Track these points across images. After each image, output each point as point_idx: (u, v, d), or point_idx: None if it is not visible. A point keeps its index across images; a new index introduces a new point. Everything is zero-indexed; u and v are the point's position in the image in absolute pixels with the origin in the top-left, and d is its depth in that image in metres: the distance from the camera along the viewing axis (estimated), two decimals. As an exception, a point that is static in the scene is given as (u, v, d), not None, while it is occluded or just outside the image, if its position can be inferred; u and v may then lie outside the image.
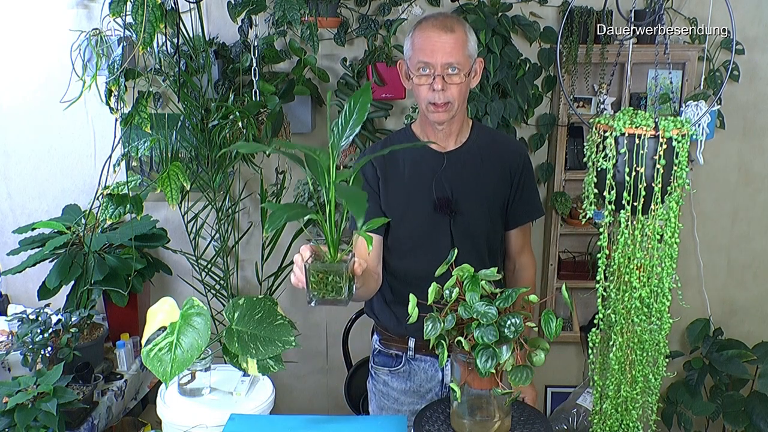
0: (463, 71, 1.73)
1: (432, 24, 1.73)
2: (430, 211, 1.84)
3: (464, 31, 1.74)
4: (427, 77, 1.73)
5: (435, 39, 1.71)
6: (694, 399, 2.95)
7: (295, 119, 2.75)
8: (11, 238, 2.83)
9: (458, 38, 1.71)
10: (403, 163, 1.87)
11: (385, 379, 2.00)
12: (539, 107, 2.82)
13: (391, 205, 1.87)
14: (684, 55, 2.68)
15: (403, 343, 1.95)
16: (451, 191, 1.84)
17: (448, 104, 1.74)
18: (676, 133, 1.27)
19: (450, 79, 1.72)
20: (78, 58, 2.37)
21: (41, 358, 2.15)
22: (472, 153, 1.87)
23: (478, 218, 1.86)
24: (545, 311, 1.41)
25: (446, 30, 1.71)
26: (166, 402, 1.87)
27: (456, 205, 1.84)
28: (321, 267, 1.35)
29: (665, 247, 1.33)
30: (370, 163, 1.88)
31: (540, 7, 2.74)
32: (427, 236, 1.85)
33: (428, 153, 1.86)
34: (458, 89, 1.74)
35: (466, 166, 1.85)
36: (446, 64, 1.70)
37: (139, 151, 2.36)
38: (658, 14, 1.46)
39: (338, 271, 1.34)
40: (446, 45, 1.70)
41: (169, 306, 1.60)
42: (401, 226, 1.87)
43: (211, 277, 2.79)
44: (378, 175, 1.88)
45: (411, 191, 1.86)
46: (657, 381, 1.42)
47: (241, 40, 2.69)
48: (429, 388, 1.95)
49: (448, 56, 1.70)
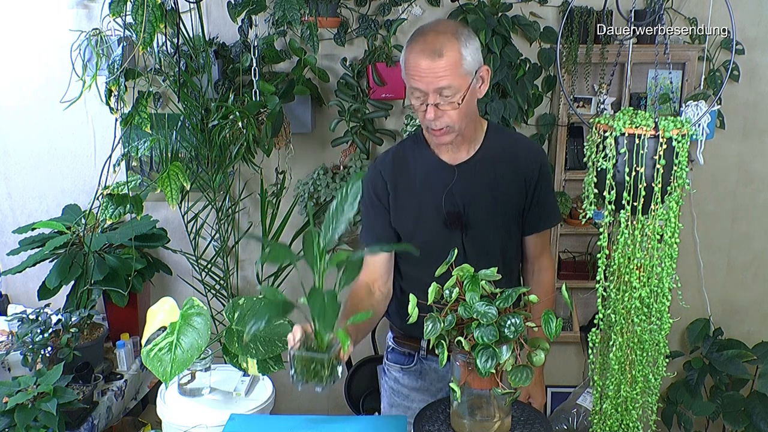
0: (460, 93, 1.62)
1: (420, 49, 1.60)
2: (441, 225, 1.78)
3: (457, 49, 1.59)
4: (421, 102, 1.64)
5: (424, 66, 1.59)
6: (694, 399, 2.95)
7: (295, 119, 2.75)
8: (11, 238, 2.83)
9: (449, 62, 1.58)
10: (415, 173, 1.80)
11: (396, 376, 2.01)
12: (539, 107, 2.82)
13: (402, 218, 1.82)
14: (684, 55, 2.68)
15: (416, 343, 1.94)
16: (462, 206, 1.77)
17: (447, 128, 1.66)
18: (676, 133, 1.27)
19: (445, 105, 1.62)
20: (78, 58, 2.37)
21: (41, 358, 2.15)
22: (485, 163, 1.78)
23: (491, 232, 1.80)
24: (545, 311, 1.41)
25: (434, 56, 1.58)
26: (166, 402, 1.87)
27: (468, 219, 1.77)
28: (307, 356, 1.36)
29: (665, 247, 1.33)
30: (380, 175, 1.82)
31: (540, 7, 2.74)
32: (440, 249, 1.76)
33: (438, 164, 1.78)
34: (456, 112, 1.63)
35: (478, 178, 1.77)
36: (438, 90, 1.60)
37: (139, 151, 2.36)
38: (658, 14, 1.46)
39: (323, 360, 1.35)
40: (437, 71, 1.58)
41: (169, 306, 1.61)
42: (414, 239, 1.82)
43: (211, 277, 2.79)
44: (388, 190, 1.82)
45: (422, 204, 1.80)
46: (657, 381, 1.41)
47: (241, 40, 2.69)
48: (440, 387, 1.95)
49: (438, 82, 1.59)
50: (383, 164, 1.85)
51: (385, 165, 1.85)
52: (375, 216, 1.85)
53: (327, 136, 2.84)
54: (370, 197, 1.85)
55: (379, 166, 1.86)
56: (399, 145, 1.92)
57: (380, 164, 1.86)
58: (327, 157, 2.89)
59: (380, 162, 1.87)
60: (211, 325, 1.50)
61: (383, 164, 1.85)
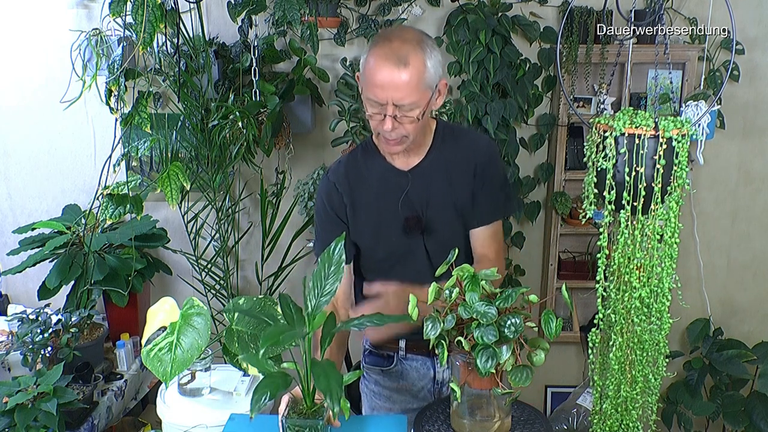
0: (419, 108, 1.56)
1: (385, 56, 1.53)
2: (401, 232, 1.74)
3: (422, 60, 1.54)
4: (377, 113, 1.58)
5: (386, 74, 1.52)
6: (694, 399, 2.95)
7: (295, 119, 2.75)
8: (11, 238, 2.83)
9: (412, 74, 1.52)
10: (370, 182, 1.76)
11: (376, 378, 1.98)
12: (539, 107, 2.82)
13: (361, 230, 1.77)
14: (684, 55, 2.68)
15: (394, 344, 1.91)
16: (420, 209, 1.73)
17: (402, 137, 1.61)
18: (676, 133, 1.27)
19: (402, 118, 1.57)
20: (78, 58, 2.37)
21: (41, 358, 2.15)
22: (438, 164, 1.73)
23: (453, 232, 1.77)
24: (545, 311, 1.41)
25: (398, 64, 1.51)
26: (166, 402, 1.87)
27: (427, 221, 1.74)
28: (297, 422, 1.40)
29: (665, 247, 1.33)
30: (334, 187, 1.76)
31: (540, 7, 2.74)
32: (403, 256, 1.76)
33: (392, 171, 1.74)
34: (413, 125, 1.58)
35: (432, 180, 1.73)
36: (398, 104, 1.55)
37: (139, 151, 2.36)
38: (658, 14, 1.46)
39: (313, 425, 1.39)
40: (398, 83, 1.52)
41: (169, 306, 1.60)
42: (376, 248, 1.78)
43: (211, 277, 2.80)
44: (344, 202, 1.76)
45: (380, 212, 1.75)
46: (657, 381, 1.41)
47: (241, 40, 2.69)
48: (421, 386, 1.93)
49: (399, 97, 1.53)
50: (336, 176, 1.78)
51: (338, 176, 1.78)
52: (331, 231, 1.75)
53: (327, 136, 2.84)
54: (325, 211, 1.78)
55: (332, 178, 1.78)
56: (350, 154, 1.84)
57: (333, 176, 1.78)
58: (327, 157, 2.89)
59: (333, 173, 1.79)
60: (211, 325, 1.49)
61: (336, 176, 1.78)
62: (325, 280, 1.41)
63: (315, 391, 1.43)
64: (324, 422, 1.41)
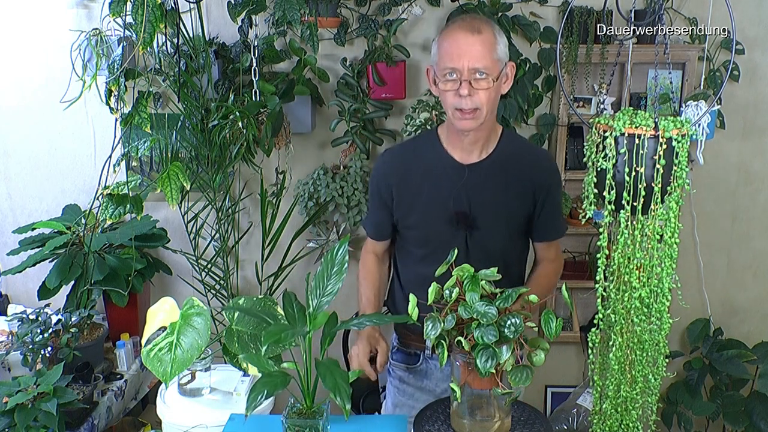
0: (491, 76, 1.66)
1: (459, 26, 1.68)
2: (447, 224, 1.81)
3: (493, 33, 1.68)
4: (453, 82, 1.67)
5: (461, 41, 1.65)
6: (694, 399, 2.95)
7: (295, 119, 2.75)
8: (11, 238, 2.83)
9: (485, 40, 1.65)
10: (421, 171, 1.83)
11: (401, 375, 2.02)
12: (539, 107, 2.82)
13: (405, 213, 1.86)
14: (684, 55, 2.68)
15: (421, 342, 1.93)
16: (470, 206, 1.79)
17: (476, 110, 1.68)
18: (676, 133, 1.27)
19: (477, 84, 1.65)
20: (78, 58, 2.37)
21: (41, 358, 2.15)
22: (497, 166, 1.80)
23: (495, 234, 1.83)
24: (545, 311, 1.41)
25: (473, 31, 1.65)
26: (166, 402, 1.87)
27: (474, 220, 1.80)
28: (297, 422, 1.41)
29: (665, 247, 1.33)
30: (387, 166, 1.88)
31: (540, 7, 2.74)
32: (440, 247, 1.79)
33: (449, 163, 1.81)
34: (486, 94, 1.66)
35: (488, 181, 1.80)
36: (473, 68, 1.64)
37: (139, 151, 2.36)
38: (658, 14, 1.46)
39: (313, 425, 1.40)
40: (473, 48, 1.64)
41: (169, 306, 1.61)
42: (416, 234, 1.86)
43: (211, 277, 2.79)
44: (394, 182, 1.86)
45: (428, 201, 1.82)
46: (657, 381, 1.42)
47: (241, 40, 2.69)
48: (444, 388, 1.95)
49: (474, 60, 1.64)
50: (392, 156, 1.92)
51: (393, 157, 1.91)
52: (377, 207, 1.93)
53: (327, 136, 2.84)
54: (375, 188, 1.92)
55: (387, 158, 1.92)
56: (412, 139, 1.98)
57: (389, 156, 1.93)
58: (327, 157, 2.89)
59: (389, 154, 1.94)
60: (211, 325, 1.50)
61: (392, 156, 1.92)
62: (327, 281, 1.44)
63: (315, 391, 1.43)
64: (324, 422, 1.41)
